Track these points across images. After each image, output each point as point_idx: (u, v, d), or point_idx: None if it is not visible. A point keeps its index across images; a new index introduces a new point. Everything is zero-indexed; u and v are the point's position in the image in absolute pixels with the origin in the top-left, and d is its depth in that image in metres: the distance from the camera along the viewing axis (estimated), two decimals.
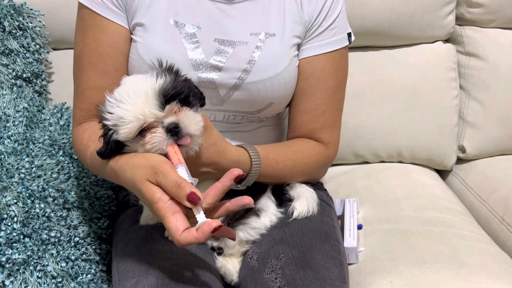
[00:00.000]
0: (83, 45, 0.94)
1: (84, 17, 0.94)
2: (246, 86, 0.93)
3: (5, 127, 1.02)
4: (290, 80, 0.97)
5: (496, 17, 1.42)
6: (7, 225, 0.90)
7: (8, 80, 1.15)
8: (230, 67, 0.92)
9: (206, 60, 0.92)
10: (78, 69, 0.95)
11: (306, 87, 0.99)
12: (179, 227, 0.67)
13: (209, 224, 0.66)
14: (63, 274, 0.94)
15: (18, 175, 0.96)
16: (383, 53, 1.41)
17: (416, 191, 1.30)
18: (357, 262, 1.03)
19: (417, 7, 1.35)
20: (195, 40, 0.92)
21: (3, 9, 1.16)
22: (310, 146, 1.00)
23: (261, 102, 0.96)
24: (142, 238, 0.92)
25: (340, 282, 0.85)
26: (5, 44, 1.16)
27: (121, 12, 0.93)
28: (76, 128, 0.95)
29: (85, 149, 0.88)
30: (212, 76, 0.92)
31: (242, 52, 0.92)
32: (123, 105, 0.73)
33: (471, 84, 1.45)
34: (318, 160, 1.01)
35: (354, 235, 1.04)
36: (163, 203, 0.68)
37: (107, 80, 0.92)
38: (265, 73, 0.93)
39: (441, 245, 1.04)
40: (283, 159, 0.95)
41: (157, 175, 0.69)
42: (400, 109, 1.40)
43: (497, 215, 1.26)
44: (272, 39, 0.94)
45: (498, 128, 1.46)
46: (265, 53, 0.93)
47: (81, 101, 0.95)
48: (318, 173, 1.07)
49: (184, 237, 0.67)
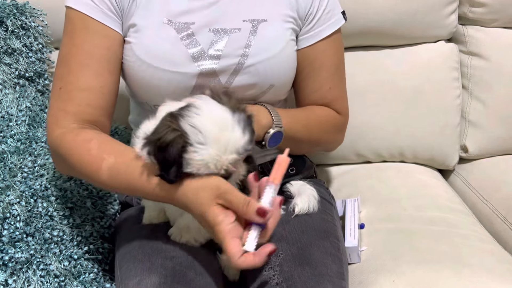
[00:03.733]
0: (72, 46, 0.92)
1: (74, 20, 0.93)
2: (246, 70, 0.95)
3: (8, 126, 1.02)
4: (289, 62, 0.99)
5: (498, 17, 1.42)
6: (10, 224, 0.90)
7: (11, 80, 1.15)
8: (228, 54, 0.94)
9: (204, 51, 0.93)
10: (64, 70, 0.92)
11: (311, 71, 1.03)
12: (238, 252, 0.71)
13: (265, 248, 0.73)
14: (65, 273, 0.94)
15: (21, 174, 0.96)
16: (385, 53, 1.41)
17: (418, 190, 1.29)
18: (359, 261, 1.03)
19: (420, 7, 1.35)
20: (190, 32, 0.94)
21: (6, 8, 1.16)
22: (321, 108, 1.06)
23: (262, 84, 0.97)
24: (145, 237, 0.92)
25: (338, 279, 0.85)
26: (8, 44, 1.16)
27: (116, 18, 0.94)
28: (66, 134, 0.88)
29: (98, 161, 0.83)
30: (211, 65, 0.93)
31: (238, 39, 0.95)
32: (207, 150, 0.73)
33: (473, 84, 1.45)
34: (331, 121, 1.07)
35: (355, 234, 1.04)
36: (225, 226, 0.72)
37: (100, 82, 0.92)
38: (263, 54, 0.95)
39: (443, 244, 1.04)
40: (297, 119, 1.00)
41: (226, 194, 0.73)
42: (402, 109, 1.40)
43: (500, 214, 1.26)
44: (264, 24, 0.96)
45: (501, 128, 1.45)
46: (260, 37, 0.95)
47: (66, 103, 0.90)
48: (335, 137, 1.13)
49: (242, 261, 0.71)
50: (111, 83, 0.93)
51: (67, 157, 0.87)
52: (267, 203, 0.75)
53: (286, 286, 0.82)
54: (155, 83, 0.93)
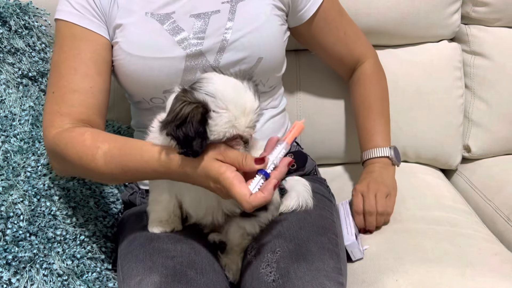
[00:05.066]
0: (61, 53, 0.97)
1: (62, 30, 0.99)
2: (231, 46, 0.98)
3: (11, 125, 1.03)
4: (274, 34, 1.02)
5: (501, 16, 1.42)
6: (13, 223, 0.91)
7: (14, 79, 1.16)
8: (211, 34, 0.98)
9: (187, 35, 0.97)
10: (56, 75, 0.97)
11: (320, 31, 1.14)
12: (246, 192, 0.73)
13: (270, 182, 0.75)
14: (68, 272, 0.94)
15: (24, 174, 0.96)
16: (387, 52, 1.41)
17: (421, 190, 1.29)
18: (362, 257, 1.02)
19: (422, 6, 1.35)
20: (172, 20, 0.98)
21: (9, 8, 1.17)
22: (368, 83, 1.22)
23: (250, 58, 1.00)
24: (147, 236, 0.93)
25: (335, 274, 0.85)
26: (11, 43, 1.16)
27: (101, 23, 0.98)
28: (61, 132, 0.92)
29: (93, 150, 0.87)
30: (196, 46, 0.97)
31: (218, 20, 0.99)
32: (228, 112, 0.76)
33: (476, 83, 1.45)
34: (380, 78, 1.24)
35: (351, 231, 1.04)
36: (230, 173, 0.75)
37: (89, 83, 0.96)
38: (245, 29, 0.98)
39: (446, 244, 1.04)
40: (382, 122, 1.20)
41: (224, 151, 0.77)
42: (405, 109, 1.40)
43: (503, 214, 1.26)
44: (242, 3, 1.00)
45: (504, 128, 1.45)
46: (240, 13, 0.99)
47: (60, 105, 0.95)
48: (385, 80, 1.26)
49: (253, 199, 0.73)
50: (100, 83, 0.97)
51: (64, 152, 0.90)
52: (276, 158, 0.78)
53: (282, 282, 0.82)
54: (147, 73, 0.97)
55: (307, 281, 0.81)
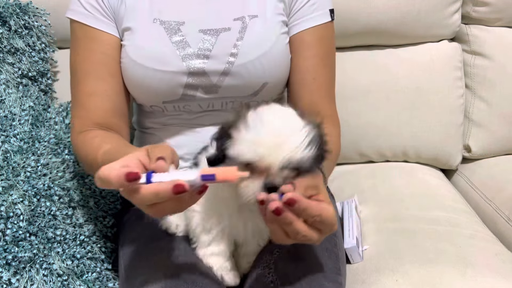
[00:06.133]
0: (76, 56, 0.97)
1: (75, 30, 0.98)
2: (236, 70, 0.94)
3: (11, 125, 1.03)
4: (281, 57, 0.97)
5: (502, 16, 1.42)
6: (13, 223, 0.91)
7: (14, 79, 1.16)
8: (217, 54, 0.94)
9: (193, 51, 0.94)
10: (75, 80, 0.97)
11: (293, 61, 1.00)
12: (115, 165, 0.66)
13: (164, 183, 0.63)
14: (68, 272, 0.94)
15: (24, 174, 0.96)
16: (388, 52, 1.41)
17: (421, 190, 1.29)
18: (361, 261, 1.03)
19: (423, 6, 1.34)
20: (180, 34, 0.95)
21: (9, 8, 1.17)
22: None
23: (255, 83, 0.96)
24: (149, 236, 0.93)
25: (334, 274, 0.85)
26: (11, 43, 1.17)
27: (110, 22, 0.97)
28: (78, 135, 0.95)
29: (98, 149, 0.86)
30: (200, 65, 0.94)
31: (227, 38, 0.94)
32: (258, 134, 0.67)
33: (476, 83, 1.45)
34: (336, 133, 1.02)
35: (353, 235, 1.04)
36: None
37: (103, 86, 0.96)
38: (252, 53, 0.94)
39: (446, 244, 1.04)
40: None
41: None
42: (405, 108, 1.40)
43: (503, 214, 1.26)
44: (255, 20, 0.95)
45: (504, 128, 1.45)
46: (250, 34, 0.94)
47: (78, 110, 0.97)
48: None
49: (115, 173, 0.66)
50: (114, 85, 0.97)
51: (78, 153, 0.95)
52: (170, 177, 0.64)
53: (281, 283, 0.81)
54: (147, 82, 0.95)
55: (306, 282, 0.81)
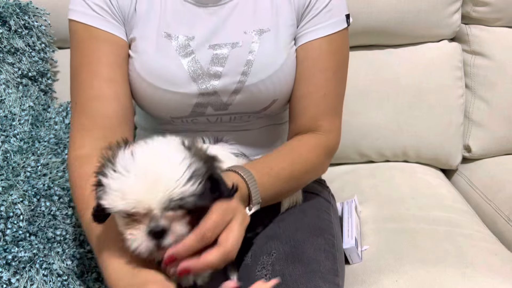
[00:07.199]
0: (83, 57, 0.90)
1: (79, 32, 0.91)
2: (247, 89, 0.92)
3: (11, 125, 1.03)
4: (291, 73, 0.94)
5: (502, 16, 1.42)
6: (13, 223, 0.91)
7: (14, 79, 1.16)
8: (228, 72, 0.91)
9: (204, 70, 0.90)
10: (76, 82, 0.90)
11: (303, 71, 0.94)
12: None
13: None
14: (68, 272, 0.94)
15: (24, 174, 0.96)
16: (388, 52, 1.41)
17: (421, 190, 1.29)
18: (360, 261, 1.03)
19: (423, 6, 1.34)
20: (189, 50, 0.91)
21: (9, 8, 1.17)
22: (304, 141, 0.94)
23: (264, 101, 0.95)
24: None
25: (331, 275, 0.85)
26: (11, 43, 1.17)
27: (119, 24, 0.92)
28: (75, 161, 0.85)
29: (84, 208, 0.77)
30: (212, 84, 0.91)
31: (238, 55, 0.91)
32: (126, 179, 0.58)
33: (476, 83, 1.45)
34: (318, 152, 0.94)
35: (352, 235, 1.04)
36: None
37: (114, 87, 0.89)
38: (264, 72, 0.91)
39: (446, 244, 1.04)
40: (275, 163, 0.87)
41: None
42: (405, 108, 1.40)
43: (503, 214, 1.25)
44: (267, 35, 0.92)
45: (504, 127, 1.45)
46: (262, 52, 0.91)
47: (80, 116, 0.88)
48: (322, 166, 0.99)
49: None
50: (125, 86, 0.91)
51: (70, 184, 0.86)
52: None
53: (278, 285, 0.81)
54: (157, 100, 0.92)
55: (302, 284, 0.80)
